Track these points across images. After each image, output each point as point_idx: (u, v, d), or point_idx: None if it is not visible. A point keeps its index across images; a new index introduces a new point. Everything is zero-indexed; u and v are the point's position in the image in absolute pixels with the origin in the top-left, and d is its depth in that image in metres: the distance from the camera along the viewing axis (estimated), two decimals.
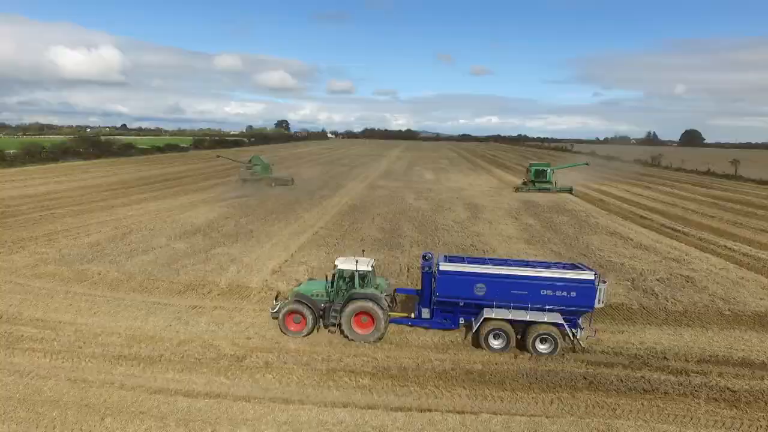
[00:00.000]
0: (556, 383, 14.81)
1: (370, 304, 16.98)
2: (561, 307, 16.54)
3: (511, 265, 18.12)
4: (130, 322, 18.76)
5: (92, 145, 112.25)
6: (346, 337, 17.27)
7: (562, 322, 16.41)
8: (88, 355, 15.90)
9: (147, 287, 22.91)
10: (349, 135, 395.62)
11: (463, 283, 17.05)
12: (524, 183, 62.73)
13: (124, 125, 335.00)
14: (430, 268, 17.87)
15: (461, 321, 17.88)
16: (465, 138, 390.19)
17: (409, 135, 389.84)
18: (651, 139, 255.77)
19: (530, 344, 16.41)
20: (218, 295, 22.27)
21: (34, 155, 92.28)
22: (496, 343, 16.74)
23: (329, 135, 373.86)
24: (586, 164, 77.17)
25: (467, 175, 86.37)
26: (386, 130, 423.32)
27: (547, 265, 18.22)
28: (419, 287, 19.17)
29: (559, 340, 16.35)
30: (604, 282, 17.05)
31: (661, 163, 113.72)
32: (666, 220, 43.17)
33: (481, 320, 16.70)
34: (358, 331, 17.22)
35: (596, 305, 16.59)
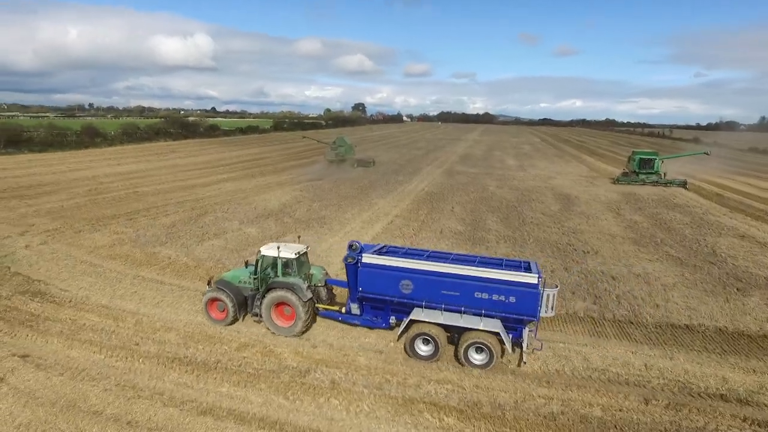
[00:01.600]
0: None
1: (287, 294, 15.53)
2: (501, 314, 14.09)
3: (453, 261, 15.33)
4: (191, 317, 17.32)
5: (181, 126, 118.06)
6: (269, 329, 16.06)
7: (500, 330, 13.98)
8: (143, 354, 14.49)
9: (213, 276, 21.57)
10: (425, 118, 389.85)
11: (388, 279, 14.89)
12: (625, 173, 55.67)
13: (213, 108, 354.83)
14: (354, 259, 15.37)
15: (392, 320, 15.63)
16: (546, 122, 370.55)
17: (486, 119, 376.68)
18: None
19: (462, 353, 14.26)
20: None
21: (130, 135, 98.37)
22: (424, 349, 14.68)
23: (405, 118, 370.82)
24: (706, 153, 65.35)
25: (553, 162, 79.69)
26: (463, 113, 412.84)
27: (498, 263, 15.52)
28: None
29: (495, 352, 13.97)
30: (555, 287, 14.44)
31: None
32: None
33: (407, 322, 14.75)
34: (279, 323, 16.00)
35: (543, 314, 13.99)
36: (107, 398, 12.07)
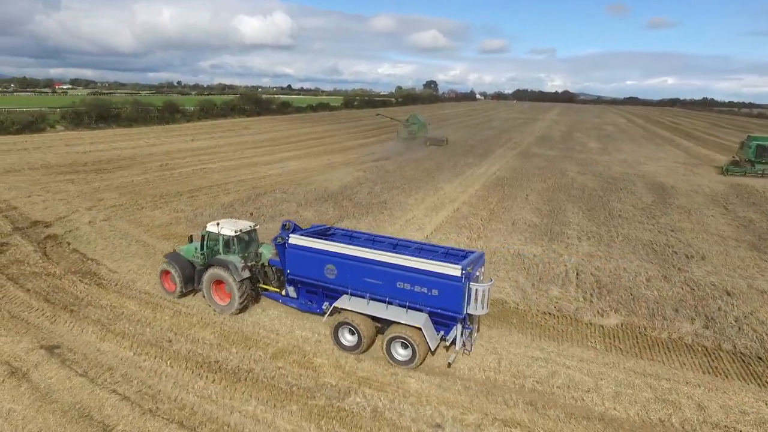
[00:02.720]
0: None
1: (222, 273, 15.18)
2: (425, 307, 12.89)
3: (386, 247, 14.55)
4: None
5: (255, 103, 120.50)
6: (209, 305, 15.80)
7: (421, 326, 12.56)
8: (173, 355, 13.21)
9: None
10: (500, 97, 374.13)
11: (313, 262, 14.15)
12: (735, 162, 47.92)
13: (289, 86, 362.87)
14: (283, 239, 14.62)
15: (325, 306, 14.54)
16: (632, 101, 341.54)
17: (566, 97, 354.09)
18: None
19: (385, 347, 13.11)
20: None
21: (207, 111, 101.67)
22: (348, 339, 13.58)
23: (478, 96, 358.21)
24: None
25: (642, 146, 71.77)
26: (540, 92, 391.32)
27: (434, 251, 14.49)
28: None
29: (417, 348, 12.59)
30: (490, 281, 13.12)
31: None
32: None
33: (331, 309, 13.94)
34: (217, 300, 15.76)
35: (470, 311, 12.62)
36: (123, 410, 10.78)
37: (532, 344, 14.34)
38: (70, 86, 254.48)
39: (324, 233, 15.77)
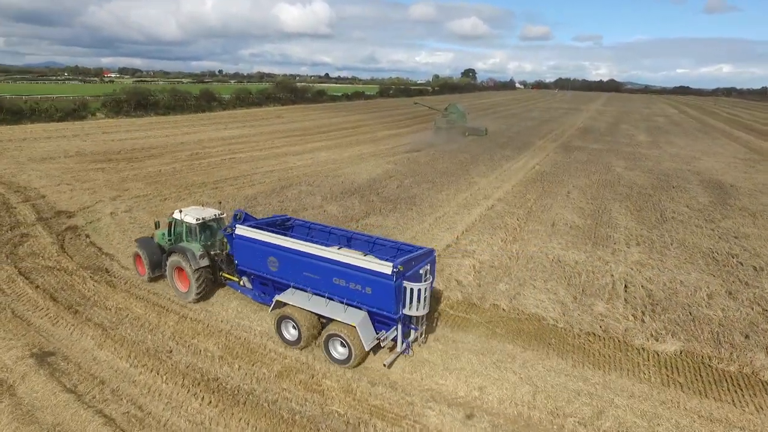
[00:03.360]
0: None
1: (180, 260, 15.19)
2: (364, 306, 12.34)
3: (335, 240, 14.63)
4: (239, 320, 14.75)
5: (290, 91, 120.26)
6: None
7: (356, 324, 12.04)
8: (171, 368, 12.10)
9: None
10: (540, 86, 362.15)
11: (258, 253, 13.90)
12: None
13: (327, 74, 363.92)
14: (232, 230, 14.45)
15: (275, 299, 13.83)
16: (682, 91, 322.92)
17: (611, 86, 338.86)
18: None
19: (324, 345, 12.71)
20: None
21: (242, 100, 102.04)
22: (291, 333, 13.31)
23: (518, 85, 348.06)
24: None
25: (697, 139, 66.75)
26: (584, 80, 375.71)
27: (383, 246, 14.13)
28: None
29: (353, 348, 12.05)
30: (429, 280, 12.38)
31: None
32: None
33: (274, 302, 13.59)
34: (179, 287, 15.82)
35: (407, 312, 12.00)
36: None
37: (573, 372, 12.44)
38: (117, 75, 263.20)
39: (283, 224, 15.56)
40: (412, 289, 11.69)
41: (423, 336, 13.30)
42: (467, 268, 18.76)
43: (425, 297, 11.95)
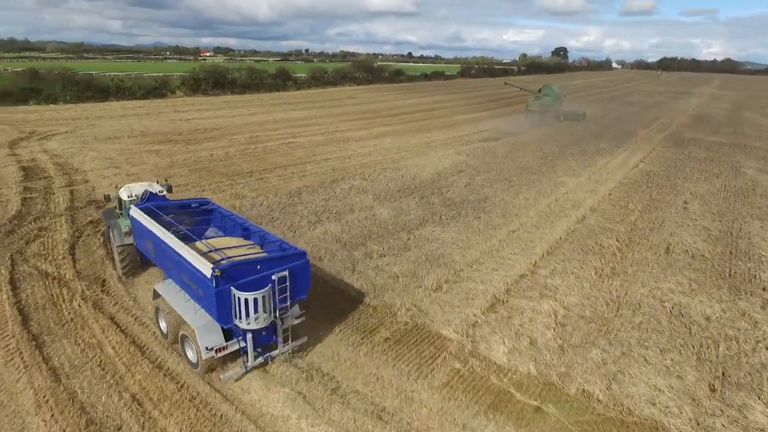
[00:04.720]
0: None
1: (110, 234, 15.38)
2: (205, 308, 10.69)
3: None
4: (225, 389, 11.07)
5: (367, 71, 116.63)
6: None
7: (196, 327, 10.57)
8: None
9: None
10: (641, 66, 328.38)
11: (142, 237, 12.98)
12: None
13: (410, 53, 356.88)
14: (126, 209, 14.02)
15: None
16: None
17: (726, 67, 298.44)
18: None
19: (180, 344, 11.36)
20: (393, 337, 12.79)
21: (318, 79, 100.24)
22: (163, 326, 12.23)
23: (614, 65, 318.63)
24: None
25: None
26: (693, 60, 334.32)
27: (262, 239, 12.05)
28: None
29: (195, 351, 10.66)
30: (265, 287, 10.17)
31: None
32: None
33: (153, 291, 12.57)
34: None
35: (238, 323, 10.19)
36: None
37: None
38: (211, 54, 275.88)
39: (199, 208, 14.27)
40: (242, 298, 9.94)
41: (290, 353, 11.53)
42: (546, 316, 13.70)
43: (260, 308, 10.10)
